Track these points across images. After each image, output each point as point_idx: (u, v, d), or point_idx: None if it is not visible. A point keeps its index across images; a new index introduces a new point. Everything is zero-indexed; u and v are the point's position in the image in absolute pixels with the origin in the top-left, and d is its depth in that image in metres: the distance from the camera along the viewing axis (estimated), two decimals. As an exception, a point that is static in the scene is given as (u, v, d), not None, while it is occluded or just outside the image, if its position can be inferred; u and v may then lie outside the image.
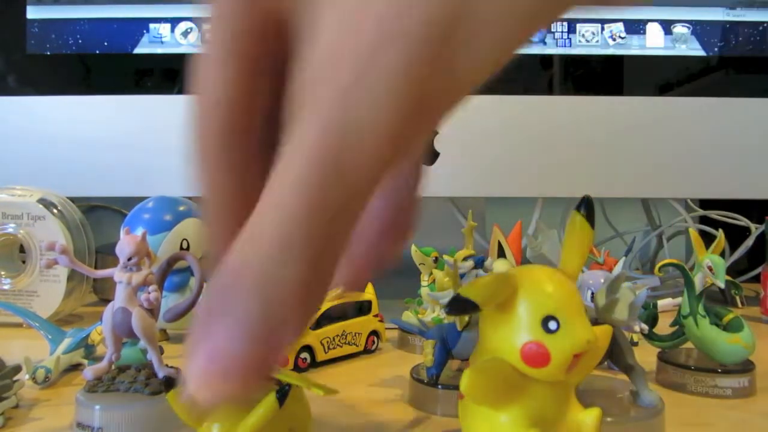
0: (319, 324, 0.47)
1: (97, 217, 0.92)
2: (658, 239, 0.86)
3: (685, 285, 0.44)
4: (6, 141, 0.66)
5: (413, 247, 0.52)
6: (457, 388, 0.27)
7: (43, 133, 0.66)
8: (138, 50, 0.66)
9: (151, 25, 0.66)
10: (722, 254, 0.44)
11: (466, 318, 0.38)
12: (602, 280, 0.38)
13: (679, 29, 0.66)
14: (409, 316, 0.53)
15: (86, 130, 0.66)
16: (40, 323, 0.48)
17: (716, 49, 0.66)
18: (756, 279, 0.70)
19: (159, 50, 0.66)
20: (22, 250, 0.60)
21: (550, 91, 0.67)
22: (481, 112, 0.66)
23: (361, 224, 0.18)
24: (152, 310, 0.37)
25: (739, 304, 0.69)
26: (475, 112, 0.66)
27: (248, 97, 0.18)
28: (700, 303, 0.43)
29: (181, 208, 0.51)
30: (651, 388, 0.37)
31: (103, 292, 0.69)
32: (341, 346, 0.48)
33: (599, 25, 0.66)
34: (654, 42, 0.66)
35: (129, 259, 0.36)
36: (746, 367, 0.43)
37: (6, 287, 0.58)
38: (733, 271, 0.74)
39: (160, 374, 0.37)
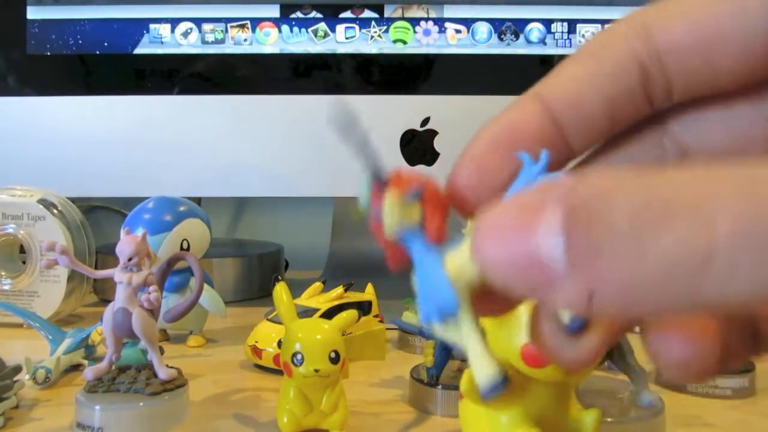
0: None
1: (97, 217, 0.92)
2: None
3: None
4: (6, 141, 0.66)
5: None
6: (457, 388, 0.27)
7: (43, 133, 0.66)
8: (138, 51, 0.66)
9: (151, 26, 0.66)
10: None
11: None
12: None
13: (679, 29, 0.66)
14: (409, 317, 0.53)
15: (86, 130, 0.66)
16: (41, 323, 0.48)
17: (716, 49, 0.66)
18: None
19: (159, 51, 0.66)
20: (22, 250, 0.60)
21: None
22: (481, 112, 0.66)
23: None
24: (152, 311, 0.37)
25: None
26: (475, 112, 0.66)
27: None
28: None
29: (181, 208, 0.51)
30: (651, 388, 0.37)
31: (103, 292, 0.69)
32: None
33: (599, 25, 0.66)
34: (654, 42, 0.66)
35: (129, 260, 0.36)
36: (746, 367, 0.43)
37: (6, 287, 0.58)
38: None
39: (161, 375, 0.37)
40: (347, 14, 0.66)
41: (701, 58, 0.17)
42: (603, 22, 0.66)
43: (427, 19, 0.66)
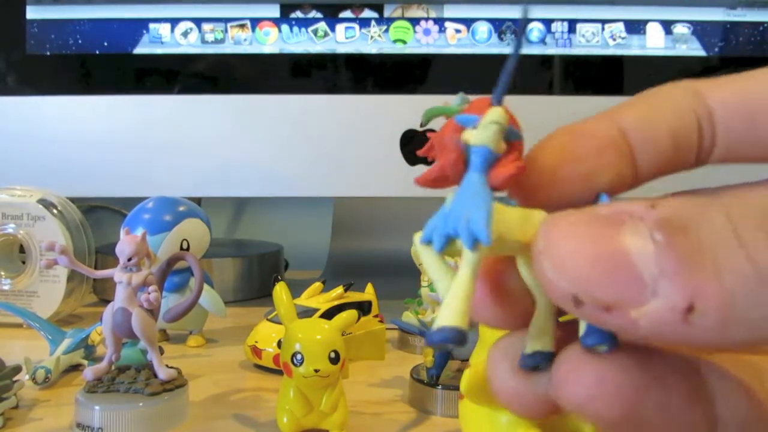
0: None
1: (97, 217, 0.92)
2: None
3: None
4: (6, 141, 0.66)
5: (413, 248, 0.52)
6: (457, 388, 0.27)
7: (43, 133, 0.66)
8: (138, 50, 0.66)
9: (151, 25, 0.66)
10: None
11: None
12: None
13: (679, 29, 0.66)
14: (409, 317, 0.52)
15: (86, 130, 0.66)
16: (40, 324, 0.48)
17: (717, 49, 0.66)
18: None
19: (159, 50, 0.66)
20: (22, 250, 0.60)
21: (550, 91, 0.67)
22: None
23: None
24: (152, 311, 0.37)
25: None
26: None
27: None
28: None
29: (181, 208, 0.51)
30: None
31: (103, 292, 0.69)
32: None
33: (599, 25, 0.66)
34: (654, 42, 0.66)
35: (129, 260, 0.36)
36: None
37: (6, 287, 0.58)
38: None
39: (160, 375, 0.37)
40: (347, 14, 0.66)
41: (745, 118, 0.17)
42: (603, 21, 0.66)
43: (427, 19, 0.66)
